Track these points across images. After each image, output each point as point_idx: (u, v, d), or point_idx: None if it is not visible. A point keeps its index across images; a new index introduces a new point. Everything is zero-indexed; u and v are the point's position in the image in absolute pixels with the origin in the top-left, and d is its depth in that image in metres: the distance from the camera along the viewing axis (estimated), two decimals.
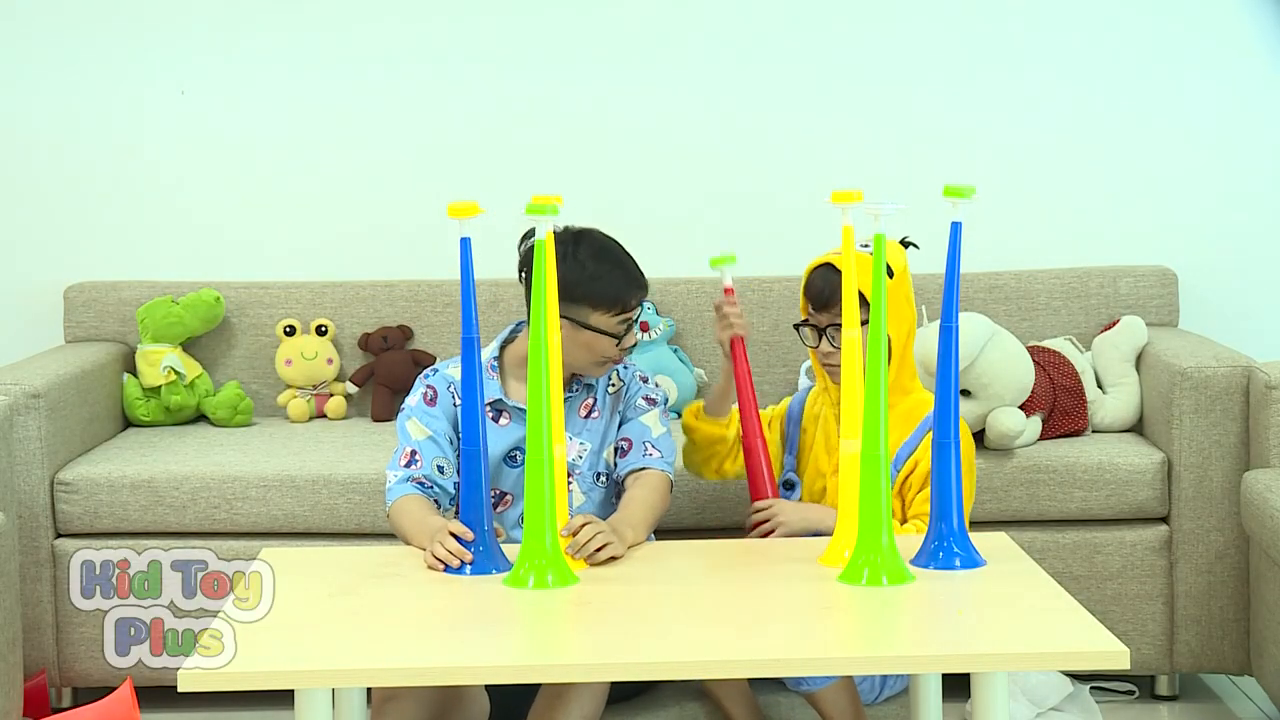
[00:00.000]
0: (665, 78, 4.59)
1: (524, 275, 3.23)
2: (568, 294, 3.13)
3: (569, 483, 3.25)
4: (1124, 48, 4.57)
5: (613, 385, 3.33)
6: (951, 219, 2.83)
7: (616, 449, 3.30)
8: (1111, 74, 4.57)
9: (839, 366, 3.08)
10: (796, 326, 3.33)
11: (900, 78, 4.58)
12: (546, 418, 2.79)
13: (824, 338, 3.26)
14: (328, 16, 4.61)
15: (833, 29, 4.58)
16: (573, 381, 3.29)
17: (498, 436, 3.26)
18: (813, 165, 4.51)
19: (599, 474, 3.30)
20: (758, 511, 3.30)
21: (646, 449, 3.27)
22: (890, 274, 3.16)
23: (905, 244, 3.36)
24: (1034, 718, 3.71)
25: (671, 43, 4.60)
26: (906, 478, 3.24)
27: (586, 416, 3.29)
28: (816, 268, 3.27)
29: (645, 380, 3.35)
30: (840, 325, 3.02)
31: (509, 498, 3.29)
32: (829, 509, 3.22)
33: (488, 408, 3.25)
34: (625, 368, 3.35)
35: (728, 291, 3.39)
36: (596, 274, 3.18)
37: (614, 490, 3.30)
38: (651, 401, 3.32)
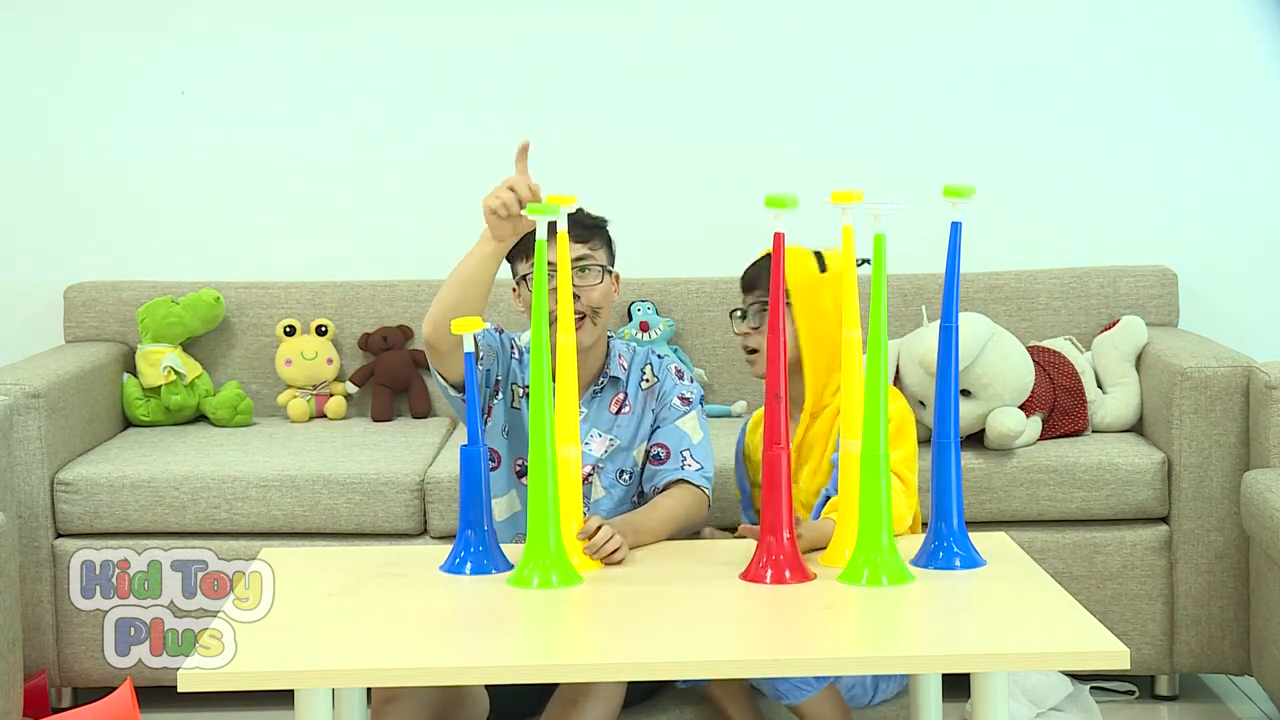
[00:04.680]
0: (665, 78, 4.59)
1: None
2: (514, 256, 3.15)
3: (590, 477, 3.24)
4: (1124, 48, 4.57)
5: (646, 381, 3.28)
6: (951, 219, 2.83)
7: (651, 454, 3.25)
8: (1111, 74, 4.57)
9: (758, 352, 3.21)
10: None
11: (901, 78, 4.59)
12: (550, 417, 2.79)
13: (741, 317, 3.27)
14: (328, 17, 4.61)
15: (833, 30, 4.58)
16: (600, 374, 3.26)
17: None
18: (813, 165, 4.51)
19: (622, 471, 3.26)
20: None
21: (685, 460, 3.21)
22: (822, 268, 3.25)
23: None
24: (1034, 718, 3.71)
25: (672, 44, 4.59)
26: None
27: (618, 413, 3.26)
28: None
29: (681, 376, 3.30)
30: (761, 306, 3.20)
31: None
32: (822, 525, 3.04)
33: (526, 388, 3.24)
34: (661, 358, 3.31)
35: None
36: None
37: (636, 491, 3.28)
38: (687, 401, 3.27)
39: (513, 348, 3.25)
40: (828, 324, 3.19)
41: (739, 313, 3.29)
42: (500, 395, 3.23)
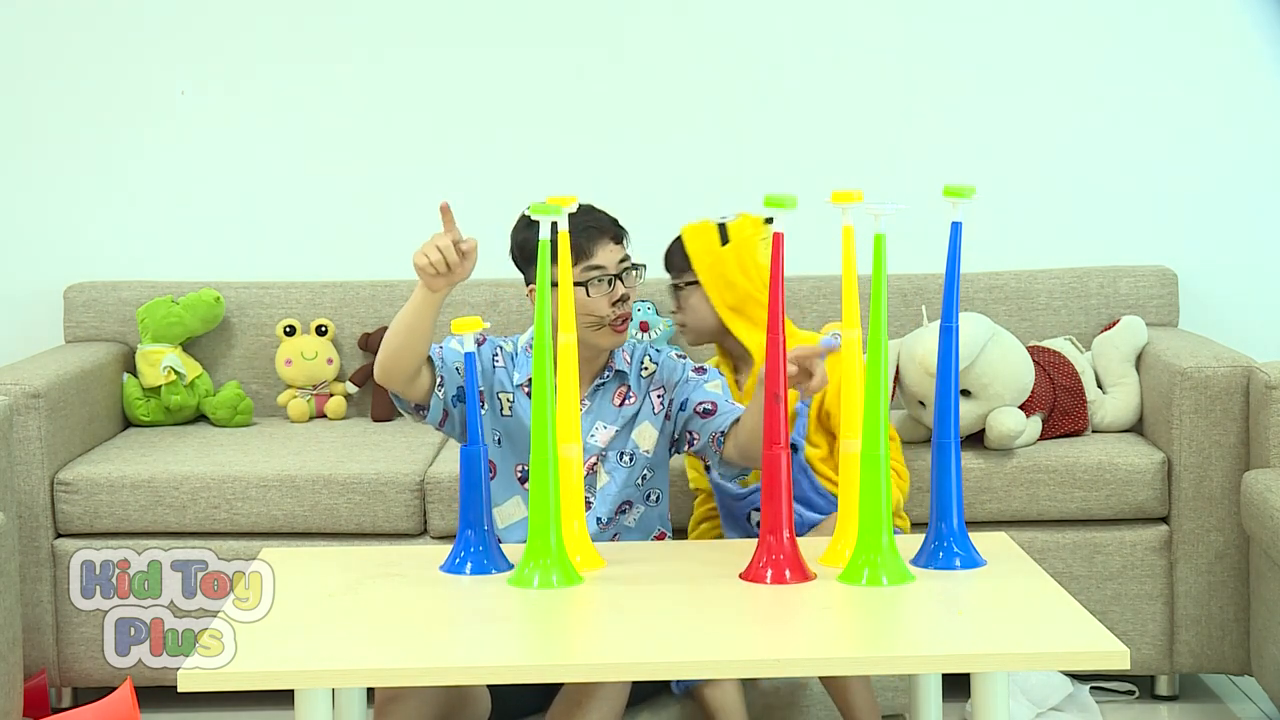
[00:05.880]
0: (665, 78, 4.59)
1: (518, 260, 3.26)
2: (535, 259, 3.06)
3: (595, 465, 3.26)
4: (1124, 47, 4.57)
5: (645, 369, 3.30)
6: (951, 219, 2.83)
7: (700, 410, 3.23)
8: (1111, 73, 4.58)
9: (686, 326, 3.52)
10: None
11: (901, 78, 4.59)
12: (552, 416, 2.79)
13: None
14: (327, 17, 4.61)
15: (833, 29, 4.59)
16: (604, 369, 3.28)
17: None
18: (813, 165, 4.51)
19: (622, 453, 3.28)
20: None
21: (734, 407, 3.21)
22: (724, 240, 3.48)
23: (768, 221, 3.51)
24: (1034, 718, 3.71)
25: (672, 43, 4.60)
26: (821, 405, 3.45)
27: (620, 404, 3.29)
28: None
29: (683, 358, 3.32)
30: (674, 288, 3.52)
31: None
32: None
33: (523, 386, 3.25)
34: (659, 351, 3.33)
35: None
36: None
37: (639, 475, 3.29)
38: (703, 370, 3.29)
39: (497, 354, 3.26)
40: (740, 292, 3.45)
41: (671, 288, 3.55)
42: (486, 407, 3.24)
